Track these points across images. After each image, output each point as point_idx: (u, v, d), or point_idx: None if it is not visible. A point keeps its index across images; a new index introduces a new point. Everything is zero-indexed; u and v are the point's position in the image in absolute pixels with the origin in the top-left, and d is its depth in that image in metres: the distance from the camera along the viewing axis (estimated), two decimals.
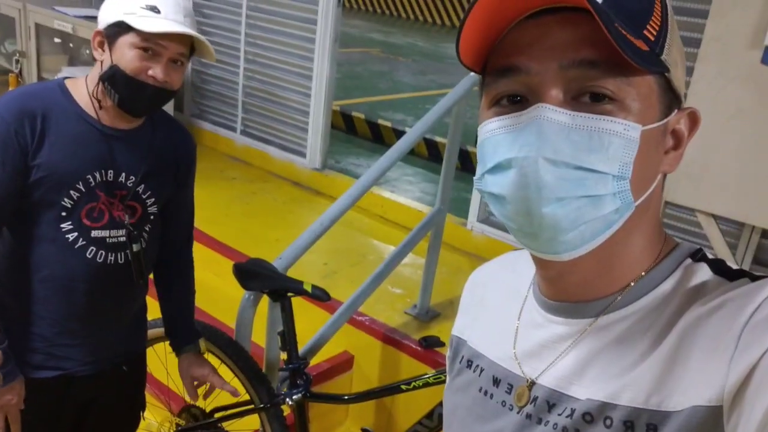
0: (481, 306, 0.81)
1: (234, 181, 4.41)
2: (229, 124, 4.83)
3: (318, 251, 2.41)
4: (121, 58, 1.40)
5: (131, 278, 1.56)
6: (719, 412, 0.54)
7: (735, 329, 0.55)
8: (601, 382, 0.62)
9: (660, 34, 0.59)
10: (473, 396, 0.75)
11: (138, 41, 1.39)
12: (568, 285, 0.66)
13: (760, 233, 2.65)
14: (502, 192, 0.59)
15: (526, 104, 0.59)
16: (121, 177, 1.50)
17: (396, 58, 10.51)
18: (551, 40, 0.57)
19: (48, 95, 1.44)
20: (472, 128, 3.59)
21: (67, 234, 1.46)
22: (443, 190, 2.74)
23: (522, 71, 0.58)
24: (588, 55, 0.56)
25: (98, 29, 1.44)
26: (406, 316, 2.88)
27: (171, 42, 1.41)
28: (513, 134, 0.58)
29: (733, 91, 2.19)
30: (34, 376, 1.52)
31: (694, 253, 0.65)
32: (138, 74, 1.40)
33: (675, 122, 0.63)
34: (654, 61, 0.58)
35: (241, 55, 4.59)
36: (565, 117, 0.56)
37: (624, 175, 0.57)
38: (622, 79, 0.57)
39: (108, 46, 1.42)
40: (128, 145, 1.51)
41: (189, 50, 1.48)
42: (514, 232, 0.62)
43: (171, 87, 1.45)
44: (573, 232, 0.58)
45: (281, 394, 1.94)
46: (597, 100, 0.57)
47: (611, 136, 0.56)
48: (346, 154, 5.46)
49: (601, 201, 0.57)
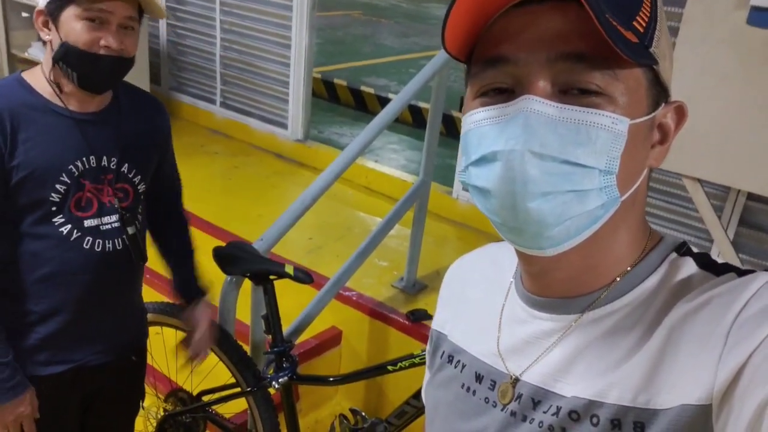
0: (461, 300, 0.79)
1: (216, 156, 4.33)
2: (209, 96, 4.73)
3: (302, 226, 2.38)
4: (69, 33, 1.34)
5: (131, 262, 1.54)
6: (708, 411, 0.53)
7: (723, 327, 0.54)
8: (588, 379, 0.61)
9: (649, 25, 0.57)
10: (455, 392, 0.73)
11: (81, 12, 1.33)
12: (552, 280, 0.65)
13: (746, 195, 2.64)
14: (486, 185, 0.58)
15: (513, 96, 0.57)
16: (103, 161, 1.46)
17: (378, 20, 10.33)
18: (539, 29, 0.56)
19: (8, 93, 1.38)
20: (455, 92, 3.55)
21: (60, 228, 1.42)
22: (427, 161, 2.70)
23: (509, 61, 0.57)
24: (576, 47, 0.55)
25: (38, 8, 1.38)
26: (393, 290, 2.86)
27: (116, 5, 1.35)
28: (499, 126, 0.57)
29: (719, 54, 2.14)
30: (44, 373, 1.50)
31: (678, 247, 0.64)
32: (90, 47, 1.35)
33: (662, 116, 0.61)
34: (643, 53, 0.56)
35: (216, 25, 4.47)
36: (553, 109, 0.55)
37: (611, 169, 0.56)
38: (610, 73, 0.55)
39: (53, 23, 1.36)
40: (101, 127, 1.47)
41: (138, 12, 1.41)
42: (498, 227, 0.61)
43: (127, 54, 1.40)
44: (558, 228, 0.57)
45: (267, 377, 1.93)
46: (585, 93, 0.55)
47: (599, 130, 0.55)
48: (329, 123, 5.38)
49: (587, 196, 0.56)
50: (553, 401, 0.63)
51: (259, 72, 4.38)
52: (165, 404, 2.19)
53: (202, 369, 2.22)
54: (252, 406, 1.99)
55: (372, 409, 2.66)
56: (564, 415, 0.61)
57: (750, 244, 2.71)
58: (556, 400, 0.62)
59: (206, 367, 2.17)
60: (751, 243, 2.71)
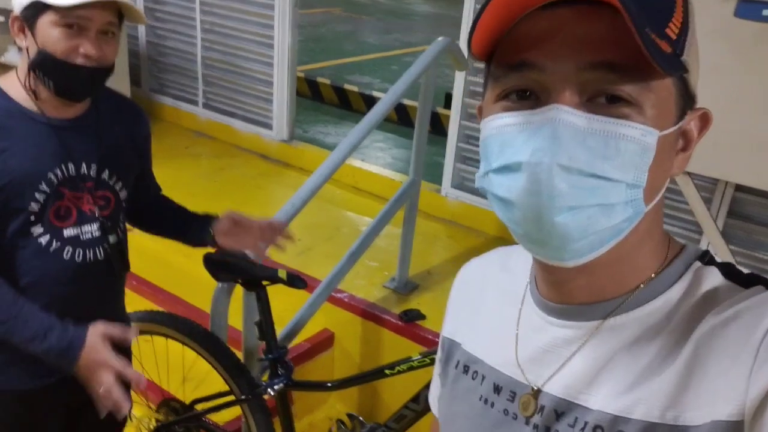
0: (474, 308, 0.77)
1: (200, 158, 4.27)
2: (191, 97, 4.66)
3: (291, 227, 2.35)
4: (46, 40, 1.29)
5: (113, 271, 1.50)
6: (740, 427, 0.52)
7: (753, 341, 0.53)
8: (613, 392, 0.59)
9: (682, 32, 0.55)
10: (473, 404, 0.71)
11: (58, 18, 1.27)
12: (572, 288, 0.63)
13: (734, 187, 2.65)
14: (509, 196, 0.56)
15: (538, 102, 0.55)
16: (82, 168, 1.42)
17: (359, 17, 10.28)
18: (568, 36, 0.53)
19: None
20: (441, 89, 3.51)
21: (39, 238, 1.38)
22: (416, 161, 2.67)
23: (535, 68, 0.55)
24: (608, 57, 0.52)
25: (14, 14, 1.32)
26: (385, 290, 2.84)
27: (95, 12, 1.29)
28: (524, 134, 0.55)
29: (707, 46, 2.13)
30: (28, 387, 1.45)
31: (701, 256, 0.63)
32: (68, 55, 1.29)
33: (686, 123, 0.59)
34: (677, 64, 0.54)
35: (197, 25, 4.40)
36: (581, 120, 0.53)
37: (638, 183, 0.55)
38: (642, 84, 0.53)
39: (29, 30, 1.31)
40: (80, 133, 1.42)
41: (118, 17, 1.35)
42: (519, 237, 0.59)
43: (106, 62, 1.35)
44: (582, 241, 0.55)
45: (262, 384, 1.89)
46: (614, 102, 0.53)
47: (628, 142, 0.53)
48: (313, 122, 5.34)
49: (614, 209, 0.55)
50: (578, 414, 0.61)
51: (242, 72, 4.33)
52: (157, 414, 2.15)
53: (193, 377, 2.18)
54: (247, 414, 1.95)
55: (367, 412, 2.64)
56: (589, 430, 0.60)
57: (739, 235, 2.72)
58: (580, 412, 0.61)
59: (198, 374, 2.14)
60: (740, 233, 2.72)
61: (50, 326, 1.35)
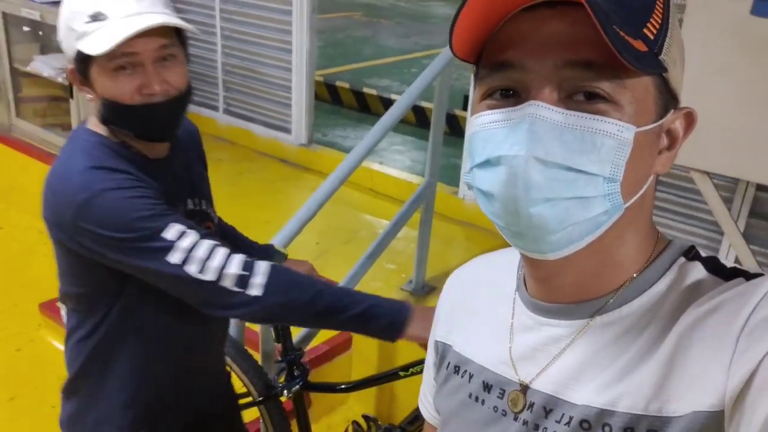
0: (464, 310, 0.79)
1: (220, 163, 4.33)
2: (211, 103, 4.73)
3: (309, 230, 2.38)
4: (105, 90, 1.18)
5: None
6: (721, 417, 0.53)
7: (732, 332, 0.54)
8: (598, 386, 0.60)
9: (660, 32, 0.56)
10: (462, 401, 0.73)
11: (106, 64, 1.15)
12: (558, 285, 0.64)
13: (755, 186, 2.61)
14: (490, 189, 0.58)
15: (519, 100, 0.57)
16: (188, 204, 1.34)
17: (379, 21, 10.32)
18: (547, 35, 0.56)
19: (101, 154, 1.22)
20: (458, 91, 3.51)
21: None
22: (432, 163, 2.68)
23: (517, 67, 0.57)
24: (584, 55, 0.54)
25: (69, 67, 1.23)
26: (403, 293, 2.85)
27: (139, 44, 1.14)
28: (504, 130, 0.57)
29: (723, 44, 2.12)
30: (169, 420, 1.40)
31: (687, 251, 0.64)
32: (133, 98, 1.17)
33: (670, 122, 0.61)
34: (652, 63, 0.55)
35: (217, 32, 4.47)
36: (558, 115, 0.55)
37: (615, 177, 0.56)
38: (618, 82, 0.55)
39: (87, 82, 1.21)
40: (172, 168, 1.32)
41: (173, 36, 1.21)
42: (501, 230, 0.61)
43: (175, 91, 1.20)
44: (560, 233, 0.57)
45: (279, 386, 1.92)
46: (591, 99, 0.55)
47: (604, 137, 0.54)
48: (332, 126, 5.38)
49: (590, 203, 0.56)
50: (565, 410, 0.62)
51: (262, 78, 4.38)
52: None
53: None
54: (264, 416, 1.98)
55: (384, 413, 2.65)
56: (576, 424, 0.61)
57: (761, 235, 2.68)
58: (567, 408, 0.62)
59: None
60: (762, 234, 2.68)
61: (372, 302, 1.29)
